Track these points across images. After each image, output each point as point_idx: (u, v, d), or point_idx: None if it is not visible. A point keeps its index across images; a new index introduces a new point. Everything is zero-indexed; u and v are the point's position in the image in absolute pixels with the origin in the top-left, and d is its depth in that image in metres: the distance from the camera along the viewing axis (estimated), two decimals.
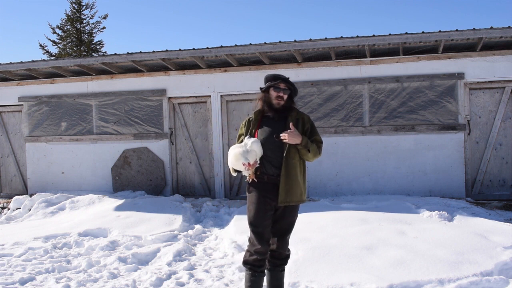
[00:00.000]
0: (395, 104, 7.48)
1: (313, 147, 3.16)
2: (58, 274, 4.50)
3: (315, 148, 3.18)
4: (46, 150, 9.09)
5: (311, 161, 3.28)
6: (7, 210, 8.39)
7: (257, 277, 3.18)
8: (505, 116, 7.33)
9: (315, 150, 3.18)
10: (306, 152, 3.14)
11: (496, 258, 4.01)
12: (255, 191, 3.18)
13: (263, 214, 3.13)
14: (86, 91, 8.86)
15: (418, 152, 7.44)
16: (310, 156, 3.17)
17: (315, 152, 3.18)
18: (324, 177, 7.76)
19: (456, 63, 7.31)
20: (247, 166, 3.07)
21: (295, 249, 4.39)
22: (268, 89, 3.26)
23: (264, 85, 3.29)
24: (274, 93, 3.22)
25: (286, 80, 3.21)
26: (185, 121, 8.57)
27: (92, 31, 22.98)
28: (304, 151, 3.14)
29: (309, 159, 3.21)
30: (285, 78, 3.23)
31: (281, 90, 3.20)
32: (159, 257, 5.00)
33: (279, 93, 3.20)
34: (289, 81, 3.24)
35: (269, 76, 3.28)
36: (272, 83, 3.21)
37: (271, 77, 3.26)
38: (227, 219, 6.62)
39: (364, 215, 5.80)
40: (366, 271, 3.91)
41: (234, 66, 8.13)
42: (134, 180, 8.58)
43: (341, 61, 7.71)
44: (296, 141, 3.09)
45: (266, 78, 3.30)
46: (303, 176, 3.23)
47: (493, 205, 6.88)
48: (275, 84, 3.21)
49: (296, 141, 3.09)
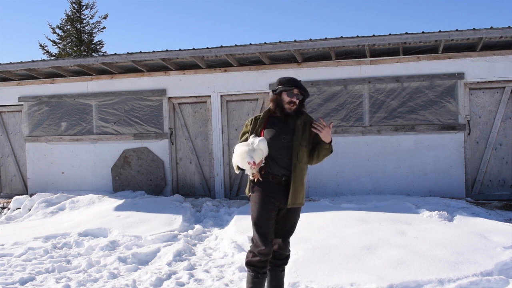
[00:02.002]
0: (395, 104, 7.48)
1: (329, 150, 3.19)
2: (58, 274, 4.50)
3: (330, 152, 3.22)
4: (46, 150, 9.09)
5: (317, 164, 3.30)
6: (7, 210, 8.39)
7: (260, 279, 3.17)
8: (505, 116, 7.33)
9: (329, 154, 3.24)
10: (328, 152, 3.17)
11: (496, 258, 4.01)
12: (259, 191, 3.17)
13: (267, 214, 3.12)
14: (86, 91, 8.86)
15: (418, 152, 7.44)
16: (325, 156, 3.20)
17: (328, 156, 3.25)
18: (324, 177, 7.76)
19: (456, 63, 7.31)
20: (252, 165, 3.05)
21: (295, 249, 4.39)
22: (280, 92, 3.21)
23: (277, 86, 3.24)
24: (287, 98, 3.17)
25: (300, 86, 3.18)
26: (185, 121, 8.57)
27: (92, 31, 22.98)
28: (327, 151, 3.16)
29: (320, 160, 3.23)
30: (300, 84, 3.19)
31: (295, 96, 3.16)
32: (159, 257, 5.00)
33: (292, 99, 3.16)
34: (303, 87, 3.20)
35: (283, 80, 3.22)
36: (286, 88, 3.17)
37: (285, 81, 3.20)
38: (227, 219, 6.62)
39: (364, 215, 5.80)
40: (366, 271, 3.91)
41: (234, 66, 8.13)
42: (134, 180, 8.58)
43: (341, 61, 7.71)
44: (328, 139, 3.10)
45: (280, 81, 3.23)
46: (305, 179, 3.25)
47: (493, 205, 6.88)
48: (289, 89, 3.16)
49: (328, 139, 3.10)
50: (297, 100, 3.18)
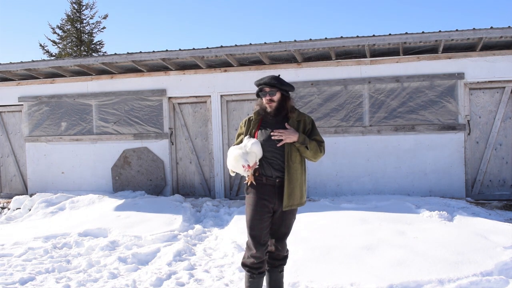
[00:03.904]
0: (395, 104, 7.48)
1: (311, 145, 3.10)
2: (58, 274, 4.50)
3: (315, 146, 3.12)
4: (46, 150, 9.09)
5: (314, 161, 3.22)
6: (7, 210, 8.38)
7: (256, 279, 3.18)
8: (505, 116, 7.33)
9: (315, 148, 3.12)
10: (304, 149, 3.09)
11: (496, 258, 4.01)
12: (253, 193, 3.15)
13: (260, 217, 3.10)
14: (86, 91, 8.86)
15: (418, 152, 7.44)
16: (310, 154, 3.12)
17: (316, 150, 3.13)
18: (324, 177, 7.76)
19: (456, 63, 7.31)
20: (247, 168, 3.05)
21: (295, 249, 4.39)
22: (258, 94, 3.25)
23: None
24: (263, 98, 3.20)
25: (267, 83, 3.12)
26: (185, 121, 8.57)
27: (92, 31, 22.99)
28: (302, 148, 3.09)
29: (310, 158, 3.16)
30: (267, 80, 3.13)
31: (267, 94, 3.16)
32: (159, 257, 5.00)
33: (266, 97, 3.17)
34: (273, 80, 3.12)
35: (255, 83, 3.24)
36: (258, 90, 3.21)
37: (256, 83, 3.23)
38: (227, 219, 6.62)
39: (364, 215, 5.81)
40: (366, 271, 3.91)
41: (234, 66, 8.13)
42: (134, 180, 8.58)
43: (341, 61, 7.71)
44: (293, 139, 3.05)
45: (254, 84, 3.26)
46: (304, 179, 3.19)
47: (493, 205, 6.88)
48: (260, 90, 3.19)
49: (293, 139, 3.05)
50: (271, 96, 3.16)
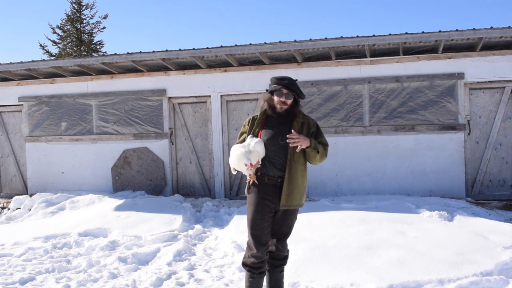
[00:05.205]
0: (395, 104, 7.48)
1: (321, 149, 3.10)
2: (58, 274, 4.50)
3: (322, 150, 3.13)
4: (46, 150, 9.09)
5: (317, 164, 3.21)
6: (7, 210, 8.38)
7: (256, 278, 3.18)
8: (505, 116, 7.33)
9: (322, 152, 3.12)
10: (315, 154, 3.07)
11: (496, 258, 4.01)
12: (254, 193, 3.15)
13: (261, 217, 3.09)
14: (86, 91, 8.86)
15: (418, 152, 7.44)
16: (318, 158, 3.10)
17: (322, 154, 3.12)
18: (324, 177, 7.76)
19: (456, 63, 7.31)
20: (249, 167, 3.03)
21: (295, 249, 4.39)
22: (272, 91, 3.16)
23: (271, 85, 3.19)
24: (276, 98, 3.13)
25: (288, 86, 3.08)
26: (185, 121, 8.57)
27: (92, 31, 22.97)
28: (313, 153, 3.07)
29: (315, 162, 3.14)
30: (288, 83, 3.09)
31: (283, 95, 3.10)
32: (159, 257, 5.00)
33: (281, 98, 3.10)
34: (293, 86, 3.09)
35: (273, 79, 3.17)
36: (275, 88, 3.11)
37: (274, 81, 3.15)
38: (227, 219, 6.62)
39: (364, 215, 5.80)
40: (366, 271, 3.91)
41: (234, 66, 8.13)
42: (134, 180, 8.58)
43: (341, 61, 7.71)
44: (306, 144, 3.02)
45: (271, 80, 3.19)
46: (304, 181, 3.18)
47: (493, 205, 6.88)
48: (278, 89, 3.11)
49: (306, 144, 3.02)
50: (286, 100, 3.11)
